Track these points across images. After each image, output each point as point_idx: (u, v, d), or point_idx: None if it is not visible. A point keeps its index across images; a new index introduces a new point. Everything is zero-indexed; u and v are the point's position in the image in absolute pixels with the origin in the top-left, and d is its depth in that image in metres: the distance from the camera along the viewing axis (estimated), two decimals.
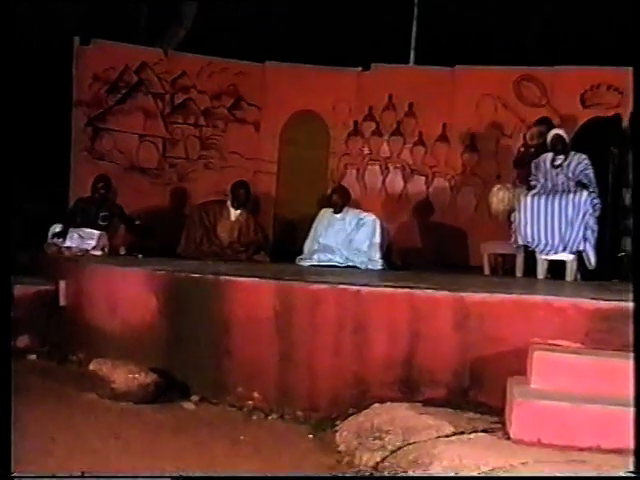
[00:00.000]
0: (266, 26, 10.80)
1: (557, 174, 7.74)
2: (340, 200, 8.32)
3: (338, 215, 8.22)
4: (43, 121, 9.45)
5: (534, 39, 10.77)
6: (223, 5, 10.81)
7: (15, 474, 3.80)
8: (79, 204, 8.59)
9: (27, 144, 9.32)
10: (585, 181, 7.49)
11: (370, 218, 8.15)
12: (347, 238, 8.07)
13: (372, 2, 10.87)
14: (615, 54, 9.14)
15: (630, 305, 4.74)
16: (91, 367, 5.73)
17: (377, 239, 8.04)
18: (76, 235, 8.13)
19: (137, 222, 8.66)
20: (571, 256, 7.36)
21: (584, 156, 7.68)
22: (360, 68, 10.40)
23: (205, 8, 11.02)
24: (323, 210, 8.38)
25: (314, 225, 8.33)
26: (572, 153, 7.77)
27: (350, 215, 8.21)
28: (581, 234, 7.28)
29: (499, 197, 8.13)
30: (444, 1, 10.65)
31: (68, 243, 8.04)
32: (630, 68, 8.09)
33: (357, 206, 8.84)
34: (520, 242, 7.54)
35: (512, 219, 7.66)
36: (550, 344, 4.90)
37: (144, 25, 11.20)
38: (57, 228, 8.23)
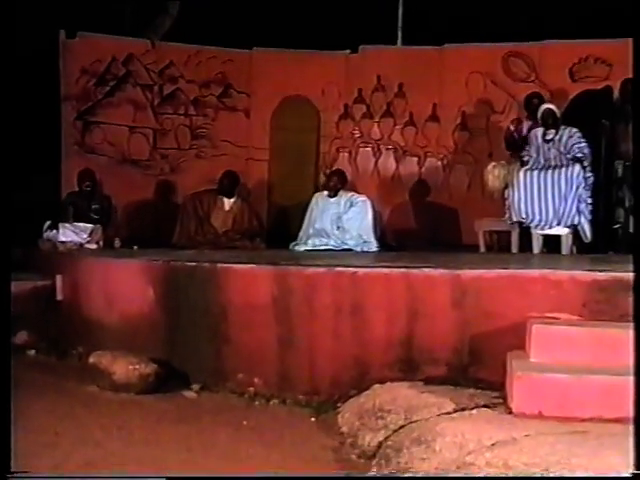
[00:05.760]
0: (252, 12, 10.75)
1: (549, 149, 7.74)
2: (339, 184, 8.31)
3: (333, 199, 8.21)
4: (32, 116, 9.41)
5: (520, 15, 10.73)
6: None
7: (10, 474, 3.78)
8: (69, 198, 8.58)
9: (17, 140, 9.29)
10: (580, 155, 7.48)
11: (360, 199, 8.15)
12: (339, 220, 8.06)
13: None
14: (602, 27, 9.14)
15: (627, 275, 4.75)
16: (91, 360, 5.75)
17: (369, 220, 8.04)
18: (70, 230, 8.11)
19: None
20: (566, 230, 7.38)
21: (575, 129, 7.69)
22: (348, 51, 10.37)
23: None
24: (317, 194, 8.36)
25: (309, 210, 8.31)
26: (563, 127, 7.77)
27: (343, 198, 8.21)
28: (575, 208, 7.30)
29: (495, 174, 8.08)
30: None
31: (62, 238, 8.00)
32: (620, 40, 8.19)
33: (351, 189, 8.83)
34: (514, 218, 7.55)
35: (506, 195, 7.67)
36: (548, 317, 4.90)
37: (130, 16, 11.14)
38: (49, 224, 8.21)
